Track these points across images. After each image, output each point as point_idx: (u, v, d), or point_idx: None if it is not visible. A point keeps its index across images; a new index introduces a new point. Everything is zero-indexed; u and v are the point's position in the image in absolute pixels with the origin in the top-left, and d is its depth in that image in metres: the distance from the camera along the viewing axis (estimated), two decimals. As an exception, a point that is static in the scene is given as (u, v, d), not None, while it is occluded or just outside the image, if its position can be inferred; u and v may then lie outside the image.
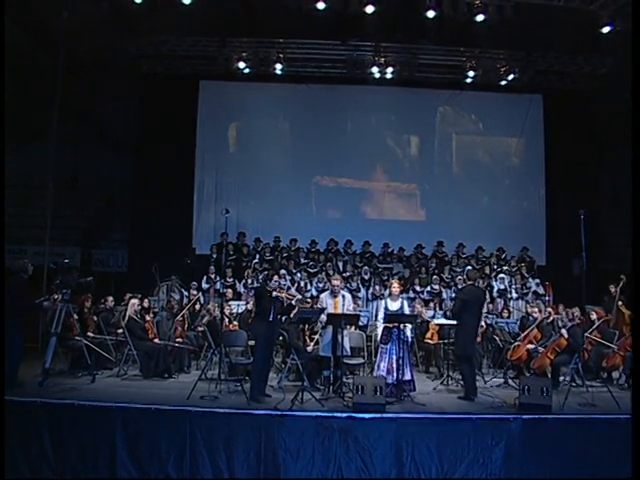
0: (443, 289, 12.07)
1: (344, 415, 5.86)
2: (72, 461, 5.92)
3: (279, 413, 5.93)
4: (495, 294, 11.93)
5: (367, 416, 5.80)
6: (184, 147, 13.93)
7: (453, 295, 11.06)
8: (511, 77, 13.58)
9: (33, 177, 13.92)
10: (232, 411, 5.98)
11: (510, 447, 5.85)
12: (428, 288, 11.96)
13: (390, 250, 13.37)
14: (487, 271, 12.64)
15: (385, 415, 5.87)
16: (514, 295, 12.04)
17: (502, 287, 12.03)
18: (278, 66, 13.18)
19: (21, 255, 12.67)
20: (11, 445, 5.95)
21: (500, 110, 14.64)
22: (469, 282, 7.20)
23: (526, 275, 12.47)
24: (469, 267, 12.38)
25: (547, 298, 11.32)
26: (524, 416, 5.97)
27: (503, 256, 13.29)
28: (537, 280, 12.34)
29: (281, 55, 13.14)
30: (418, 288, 11.96)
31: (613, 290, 10.01)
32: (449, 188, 14.67)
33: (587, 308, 9.50)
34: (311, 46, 13.17)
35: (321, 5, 10.26)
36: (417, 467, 5.75)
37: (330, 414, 5.89)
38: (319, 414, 5.91)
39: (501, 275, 12.19)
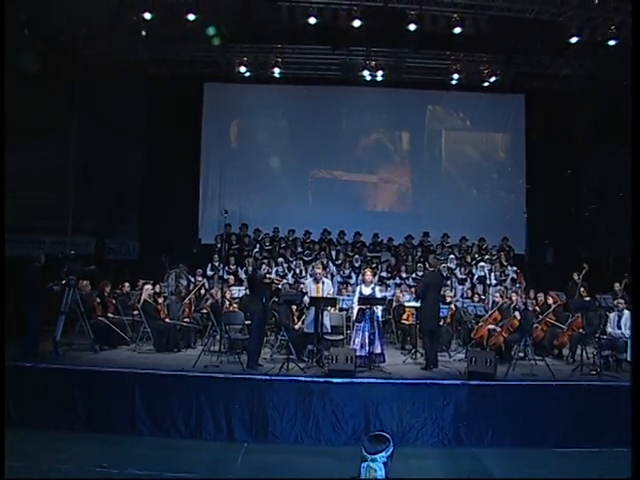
0: (427, 276, 13.20)
1: (321, 380, 7.18)
2: (99, 416, 7.27)
3: (268, 378, 7.24)
4: (475, 281, 13.06)
5: (340, 380, 7.11)
6: (190, 144, 14.96)
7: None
8: (493, 79, 14.55)
9: (46, 171, 15.06)
10: (230, 376, 7.28)
11: (458, 407, 7.12)
12: (413, 275, 13.10)
13: (379, 240, 14.44)
14: (469, 260, 13.75)
15: (355, 380, 7.18)
16: (493, 282, 13.13)
17: (482, 274, 13.13)
18: (276, 70, 14.18)
19: (39, 245, 13.96)
20: (49, 403, 7.32)
21: (486, 108, 15.55)
22: (430, 268, 8.43)
23: (504, 263, 13.55)
24: (451, 256, 13.62)
25: (518, 285, 12.50)
26: (471, 382, 7.23)
27: (484, 246, 14.33)
28: (514, 268, 13.42)
29: (279, 59, 14.12)
30: (404, 275, 13.11)
31: (576, 278, 11.11)
32: (438, 181, 15.70)
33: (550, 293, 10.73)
34: (306, 51, 14.10)
35: (312, 20, 11.33)
36: (381, 422, 7.02)
37: (310, 379, 7.22)
38: (301, 379, 7.23)
39: (481, 263, 13.27)
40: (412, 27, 11.42)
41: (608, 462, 6.74)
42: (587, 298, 9.59)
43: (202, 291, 10.72)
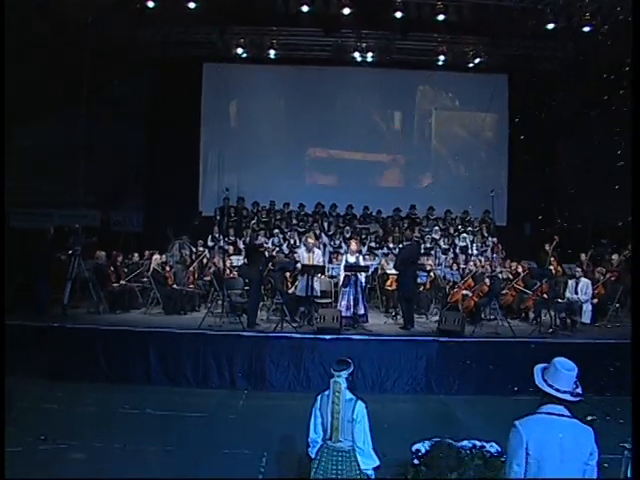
0: (412, 246, 14.20)
1: (311, 336, 8.29)
2: (119, 370, 8.36)
3: (265, 335, 8.36)
4: (458, 251, 14.07)
5: (327, 337, 8.22)
6: (191, 122, 15.68)
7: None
8: (478, 60, 15.30)
9: (52, 147, 15.87)
10: (232, 334, 8.39)
11: (430, 360, 8.26)
12: (400, 245, 14.08)
13: (369, 212, 15.40)
14: (452, 231, 14.75)
15: (340, 336, 8.29)
16: (474, 252, 14.16)
17: (463, 244, 14.15)
18: (272, 51, 14.87)
19: (47, 218, 14.87)
20: (74, 359, 8.39)
21: (473, 89, 16.14)
22: (406, 241, 9.47)
23: (485, 235, 14.57)
24: (436, 227, 14.60)
25: (494, 255, 13.53)
26: (440, 338, 8.35)
27: (467, 218, 15.31)
28: (495, 239, 14.43)
29: (274, 41, 14.84)
30: (391, 245, 14.09)
31: (547, 248, 12.12)
32: (428, 158, 16.57)
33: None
34: (300, 33, 14.66)
35: (305, 8, 12.11)
36: (363, 373, 8.14)
37: (301, 336, 8.35)
38: (294, 336, 8.36)
39: (463, 235, 14.28)
40: (398, 14, 12.19)
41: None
42: (551, 267, 10.61)
43: (205, 260, 11.72)
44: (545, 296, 10.09)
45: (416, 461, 4.95)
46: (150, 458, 5.83)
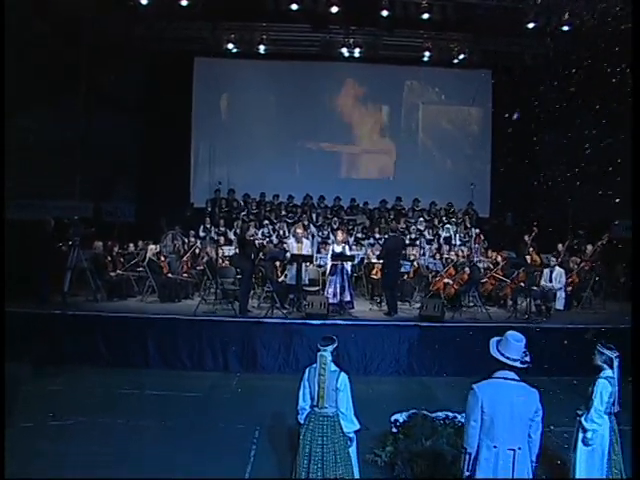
0: (398, 237, 14.68)
1: (300, 322, 8.78)
2: (118, 355, 8.80)
3: (257, 321, 8.84)
4: (442, 241, 14.61)
5: (315, 322, 8.72)
6: (182, 115, 16.01)
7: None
8: (462, 56, 15.77)
9: (47, 142, 16.13)
10: (225, 319, 8.87)
11: (412, 344, 8.79)
12: (386, 236, 14.57)
13: (356, 204, 15.87)
14: (436, 222, 15.28)
15: (327, 322, 8.80)
16: (458, 242, 14.70)
17: (447, 235, 14.68)
18: (261, 47, 15.22)
19: (44, 210, 15.16)
20: (75, 344, 8.81)
21: (458, 84, 16.62)
22: (392, 233, 9.98)
23: (468, 225, 15.11)
24: (421, 219, 15.12)
25: (476, 246, 14.06)
26: (421, 324, 8.88)
27: (451, 210, 15.85)
28: (477, 230, 14.96)
29: (264, 37, 15.21)
30: (377, 236, 14.61)
31: (527, 239, 12.67)
32: (415, 152, 17.04)
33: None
34: (289, 29, 15.00)
35: (294, 6, 12.50)
36: (349, 356, 8.66)
37: (290, 321, 8.84)
38: (283, 321, 8.84)
39: (447, 226, 14.81)
40: (384, 13, 12.62)
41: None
42: (527, 257, 11.16)
43: (197, 250, 12.15)
44: (522, 284, 10.65)
45: (395, 430, 5.48)
46: (151, 432, 6.30)
